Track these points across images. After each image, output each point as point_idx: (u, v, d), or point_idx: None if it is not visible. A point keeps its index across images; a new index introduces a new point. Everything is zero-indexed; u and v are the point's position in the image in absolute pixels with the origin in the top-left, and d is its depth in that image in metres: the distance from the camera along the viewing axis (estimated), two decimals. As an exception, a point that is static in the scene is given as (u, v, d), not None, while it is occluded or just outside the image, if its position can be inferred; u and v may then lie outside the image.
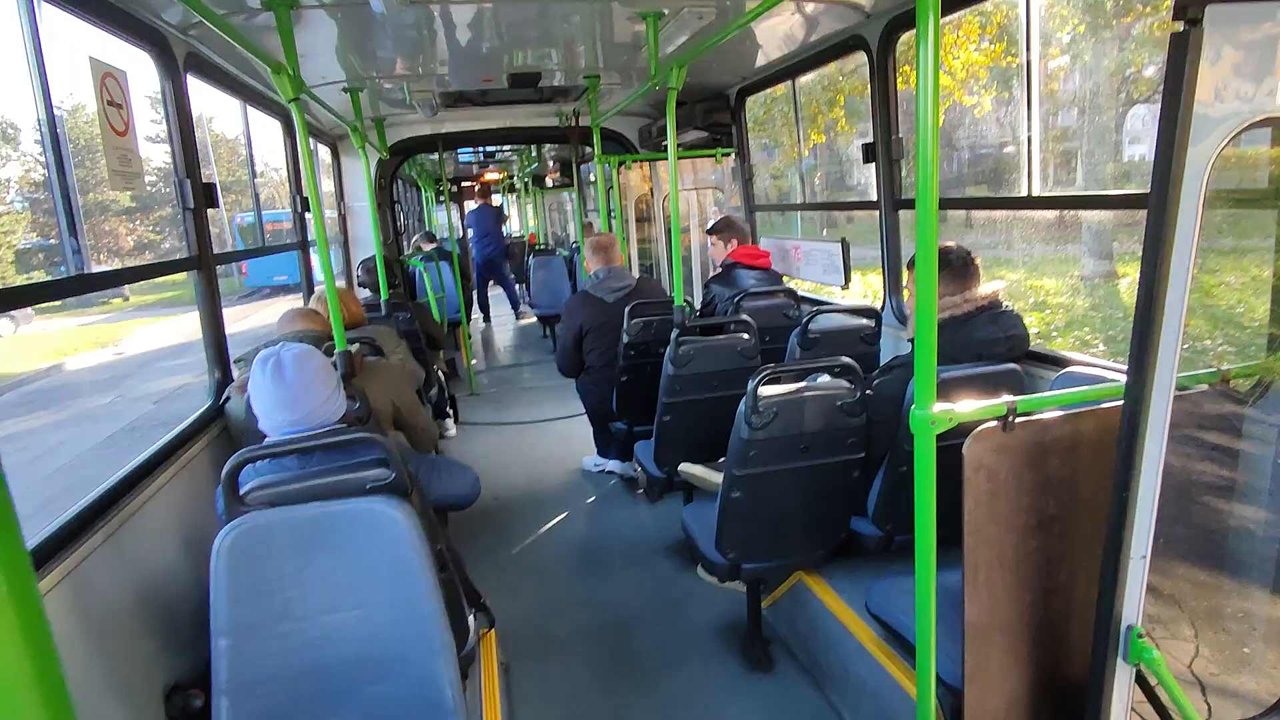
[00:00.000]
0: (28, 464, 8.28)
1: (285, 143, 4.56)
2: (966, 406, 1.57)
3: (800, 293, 4.27)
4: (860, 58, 3.62)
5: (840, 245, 4.02)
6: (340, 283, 5.77)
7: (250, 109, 3.98)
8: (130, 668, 1.99)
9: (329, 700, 1.87)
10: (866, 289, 9.50)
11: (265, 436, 2.03)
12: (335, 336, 2.76)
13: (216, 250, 3.04)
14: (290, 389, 1.93)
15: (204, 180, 2.93)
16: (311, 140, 2.79)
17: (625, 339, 3.85)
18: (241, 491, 1.85)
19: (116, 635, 1.97)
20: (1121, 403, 1.40)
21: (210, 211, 2.98)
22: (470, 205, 11.36)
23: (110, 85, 2.39)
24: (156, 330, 17.75)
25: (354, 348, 2.97)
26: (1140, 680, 1.57)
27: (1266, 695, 1.89)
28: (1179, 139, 1.17)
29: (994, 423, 1.58)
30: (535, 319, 9.89)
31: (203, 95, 3.09)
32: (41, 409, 11.47)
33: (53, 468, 8.09)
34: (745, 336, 3.42)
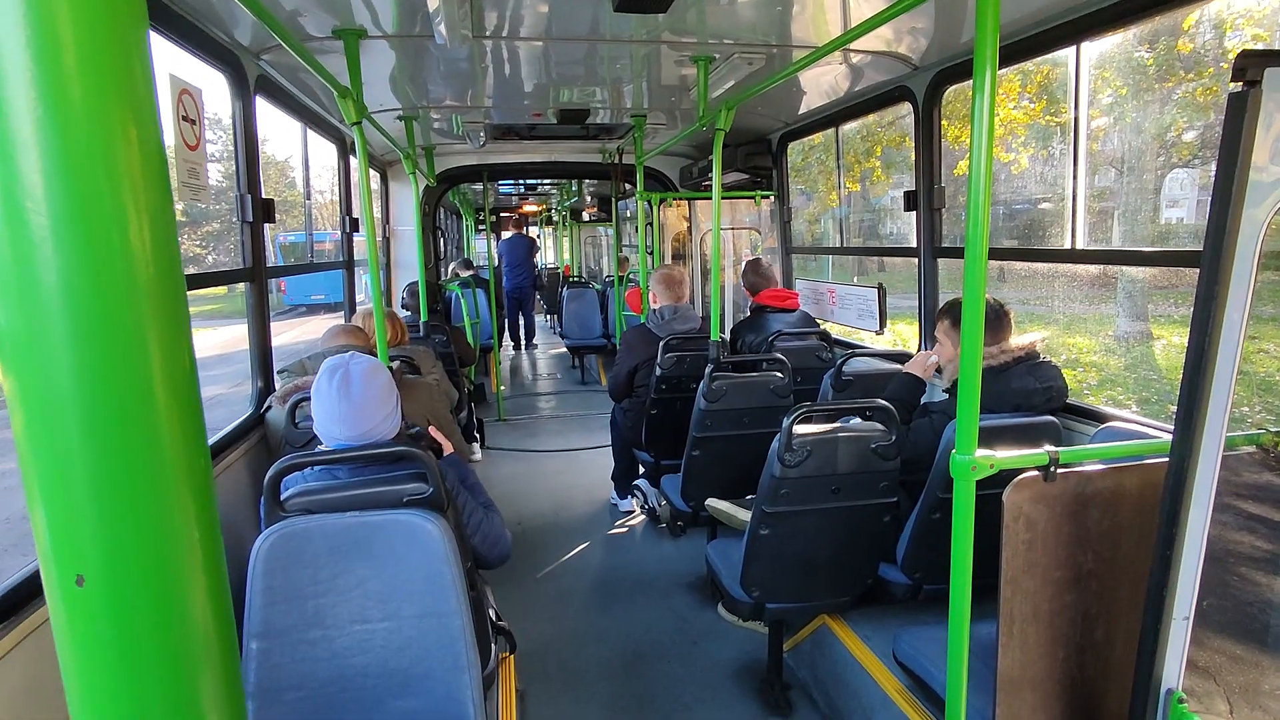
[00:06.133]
0: (9, 490, 8.42)
1: (339, 166, 4.72)
2: (1007, 454, 1.57)
3: (833, 336, 4.29)
4: (901, 109, 3.69)
5: (877, 290, 4.03)
6: (383, 303, 5.89)
7: (308, 132, 4.14)
8: None
9: (353, 711, 1.87)
10: (897, 337, 9.47)
11: (304, 447, 2.06)
12: (379, 353, 2.83)
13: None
14: (355, 405, 1.94)
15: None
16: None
17: (658, 372, 3.88)
18: (282, 498, 1.89)
19: None
20: (1167, 459, 1.39)
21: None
22: (505, 235, 11.58)
23: (186, 101, 2.51)
24: (196, 341, 18.14)
25: (394, 365, 3.03)
26: (1178, 747, 1.53)
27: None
28: (1235, 199, 1.18)
29: (1035, 472, 1.58)
30: (565, 349, 9.99)
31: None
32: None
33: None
34: (779, 375, 3.43)
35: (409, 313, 5.60)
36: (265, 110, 3.36)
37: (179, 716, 0.48)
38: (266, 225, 3.18)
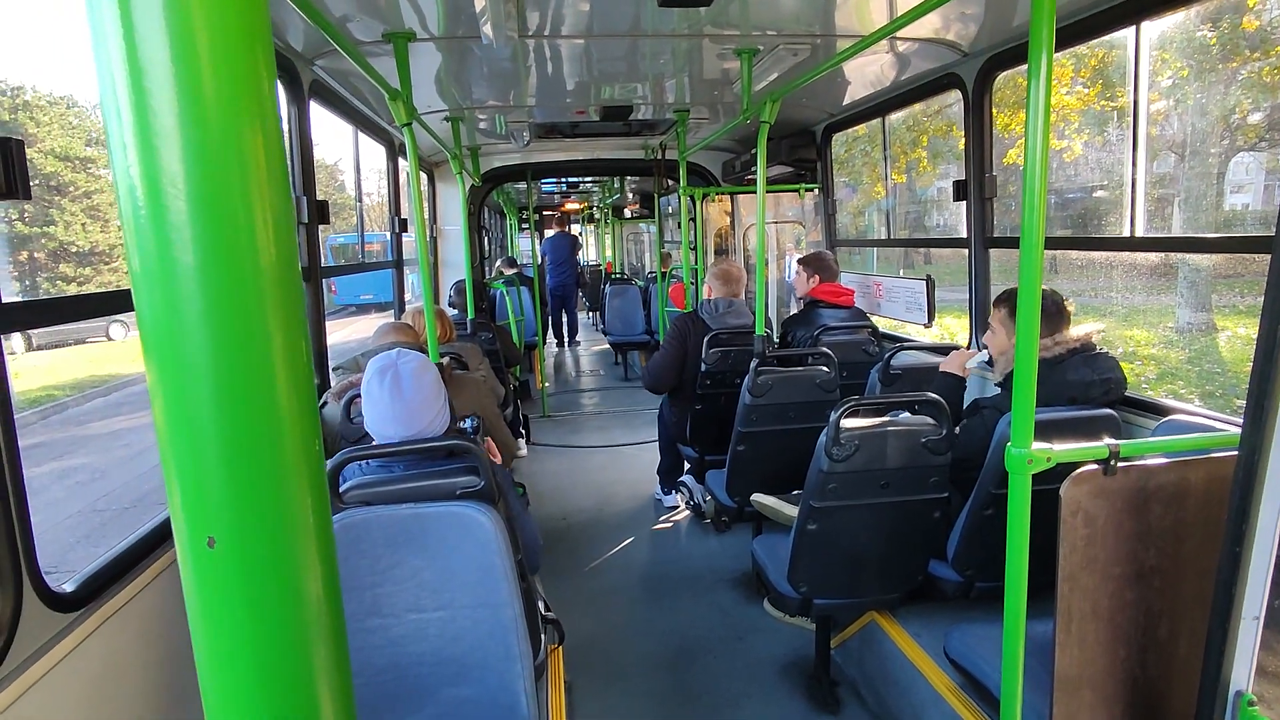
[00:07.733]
0: (130, 458, 8.85)
1: (388, 167, 4.82)
2: (1065, 447, 1.53)
3: (881, 330, 4.22)
4: (948, 97, 3.61)
5: (925, 282, 3.96)
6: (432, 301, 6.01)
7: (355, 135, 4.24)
8: None
9: (408, 698, 1.92)
10: (944, 331, 9.29)
11: (358, 442, 2.12)
12: (429, 349, 2.89)
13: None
14: (407, 405, 1.97)
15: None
16: (408, 165, 2.97)
17: (703, 367, 3.87)
18: (340, 490, 1.95)
19: None
20: (1235, 452, 1.34)
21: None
22: (549, 233, 11.70)
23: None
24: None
25: (444, 361, 3.10)
26: (1248, 752, 1.48)
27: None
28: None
29: (1094, 466, 1.54)
30: (608, 345, 10.06)
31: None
32: (144, 409, 12.25)
33: (151, 463, 8.63)
34: (825, 369, 3.40)
35: (456, 311, 5.69)
36: (314, 116, 3.47)
37: (295, 669, 0.53)
38: (328, 224, 3.28)
